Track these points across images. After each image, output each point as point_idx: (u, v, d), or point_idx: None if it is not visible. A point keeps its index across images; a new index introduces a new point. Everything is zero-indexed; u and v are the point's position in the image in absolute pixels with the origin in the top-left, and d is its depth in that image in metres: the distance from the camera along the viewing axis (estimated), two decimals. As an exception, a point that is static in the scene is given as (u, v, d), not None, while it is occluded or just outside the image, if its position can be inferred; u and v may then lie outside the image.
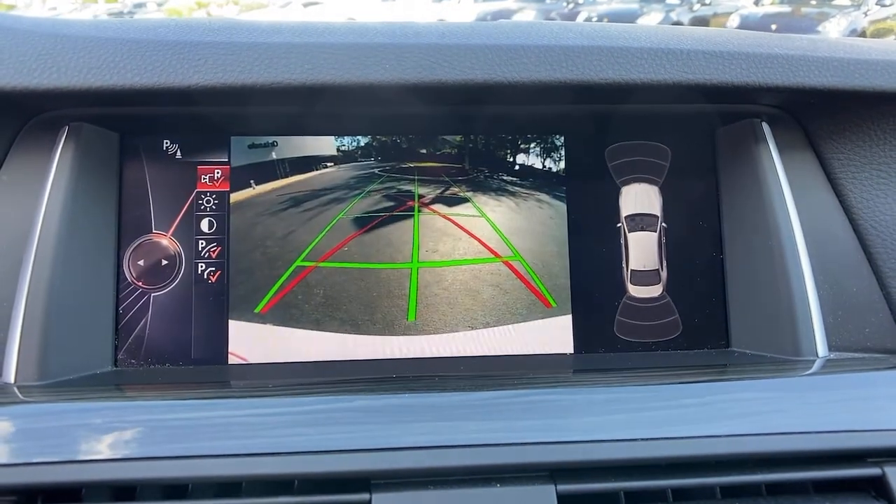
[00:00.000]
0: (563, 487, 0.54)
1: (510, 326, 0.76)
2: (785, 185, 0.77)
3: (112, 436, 0.56)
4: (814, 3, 9.83)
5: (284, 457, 0.55)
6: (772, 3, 10.30)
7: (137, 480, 0.54)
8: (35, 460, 0.54)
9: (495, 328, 0.76)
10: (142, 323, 0.74)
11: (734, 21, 9.80)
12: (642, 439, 0.57)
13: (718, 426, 0.59)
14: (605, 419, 0.59)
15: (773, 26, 9.02)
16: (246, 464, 0.55)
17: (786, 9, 9.84)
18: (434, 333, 0.75)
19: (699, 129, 0.82)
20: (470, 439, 0.56)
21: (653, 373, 0.72)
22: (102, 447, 0.55)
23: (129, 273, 0.74)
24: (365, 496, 0.53)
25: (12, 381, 0.65)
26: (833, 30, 8.71)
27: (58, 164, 0.70)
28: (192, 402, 0.61)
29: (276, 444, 0.55)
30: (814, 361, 0.72)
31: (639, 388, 0.64)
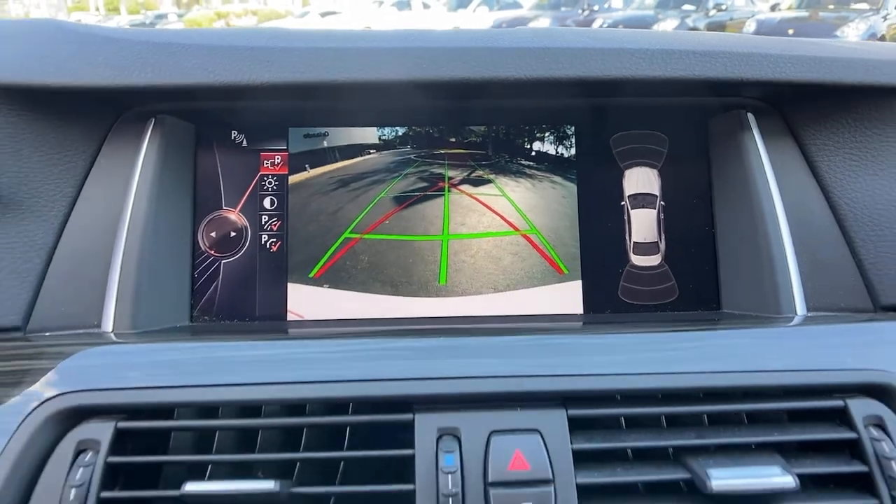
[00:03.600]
0: (573, 412, 0.66)
1: (527, 290, 0.88)
2: (768, 168, 0.87)
3: (197, 367, 0.68)
4: (832, 7, 9.82)
5: (342, 384, 0.67)
6: (789, 8, 10.31)
7: (219, 402, 0.66)
8: (137, 385, 0.66)
9: (515, 291, 0.87)
10: (214, 285, 0.86)
11: (751, 26, 9.80)
12: (641, 374, 0.68)
13: (707, 364, 0.70)
14: (609, 358, 0.71)
15: (790, 31, 9.02)
16: (309, 389, 0.66)
17: (803, 13, 9.84)
18: (462, 295, 0.87)
19: (693, 119, 0.93)
20: (495, 371, 0.68)
21: (652, 325, 0.83)
22: (190, 376, 0.67)
23: (203, 243, 0.87)
24: (409, 416, 0.65)
25: (110, 329, 0.78)
26: (851, 34, 8.70)
27: (146, 150, 0.84)
28: (262, 343, 0.73)
29: (335, 374, 0.67)
30: (793, 318, 0.83)
31: (639, 335, 0.75)
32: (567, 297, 0.88)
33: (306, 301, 0.86)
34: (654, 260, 0.89)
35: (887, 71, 0.84)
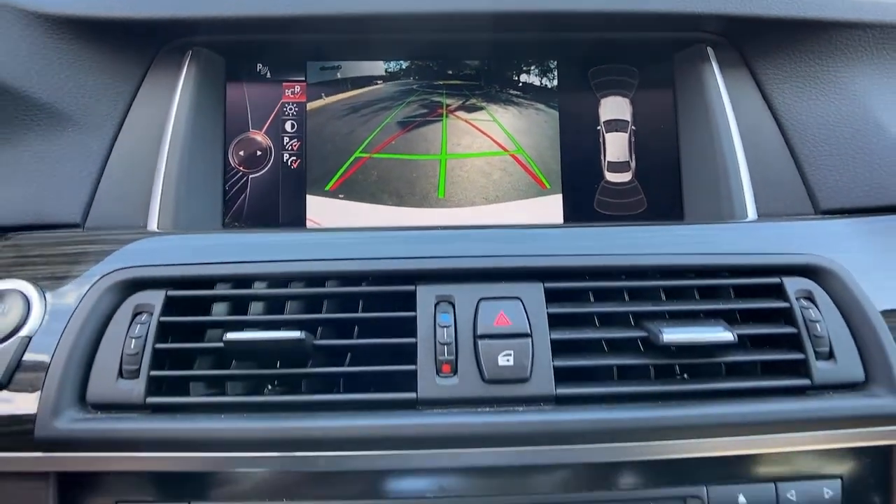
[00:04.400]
0: (548, 285, 0.78)
1: (514, 202, 1.00)
2: (725, 95, 1.00)
3: (233, 250, 0.81)
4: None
5: (355, 261, 0.79)
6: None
7: (253, 275, 0.79)
8: (183, 262, 0.79)
9: (504, 203, 1.00)
10: (242, 196, 0.99)
11: None
12: (607, 254, 0.81)
13: (665, 248, 0.82)
14: (581, 243, 0.84)
15: None
16: (328, 265, 0.79)
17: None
18: (458, 206, 1.00)
19: (660, 53, 1.06)
20: (484, 252, 0.80)
21: (620, 223, 0.95)
22: (227, 256, 0.80)
23: (233, 160, 1.00)
24: (411, 287, 0.78)
25: (156, 228, 0.91)
26: None
27: (184, 78, 0.96)
28: (286, 234, 0.86)
29: (349, 254, 0.80)
30: (744, 220, 0.95)
31: (607, 228, 0.88)
32: (549, 208, 1.00)
33: (323, 210, 0.99)
34: (625, 177, 1.02)
35: (831, 8, 0.96)
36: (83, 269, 0.79)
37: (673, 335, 0.73)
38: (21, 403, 0.71)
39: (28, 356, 0.73)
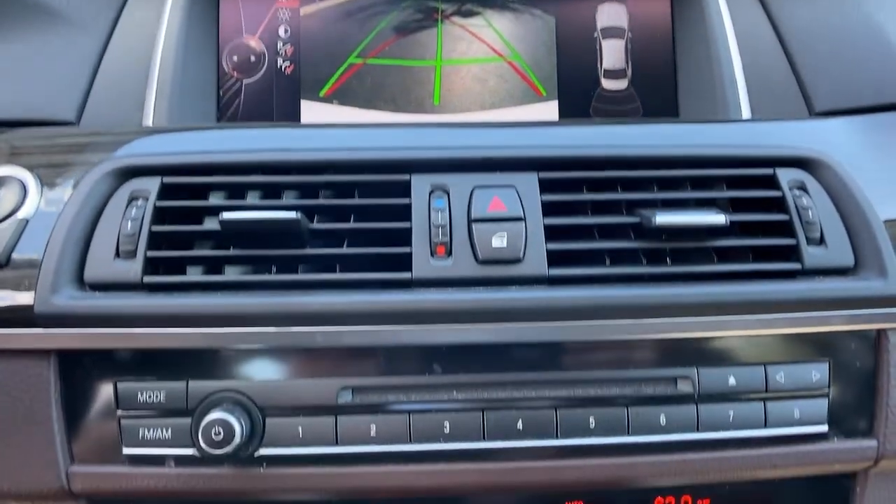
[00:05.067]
0: (543, 175, 0.79)
1: (510, 108, 1.00)
2: (723, 3, 0.99)
3: (229, 140, 0.81)
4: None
5: (351, 150, 0.79)
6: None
7: (249, 163, 0.78)
8: (179, 151, 0.79)
9: (499, 110, 1.00)
10: (236, 102, 0.99)
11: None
12: (601, 145, 0.81)
13: (660, 140, 0.83)
14: (575, 138, 0.84)
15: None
16: (324, 154, 0.79)
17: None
18: (453, 113, 1.00)
19: (659, -41, 1.05)
20: (478, 142, 0.81)
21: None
22: (223, 146, 0.80)
23: (226, 65, 1.00)
24: (406, 176, 0.78)
25: (150, 123, 0.91)
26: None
27: (178, -17, 0.96)
28: (282, 128, 0.86)
29: (345, 144, 0.80)
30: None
31: (603, 125, 0.87)
32: (544, 115, 1.00)
33: (317, 116, 0.99)
34: (621, 84, 1.02)
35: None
36: (79, 159, 0.80)
37: (666, 218, 0.74)
38: (21, 282, 0.72)
39: (25, 238, 0.74)
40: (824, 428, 0.77)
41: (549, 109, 1.00)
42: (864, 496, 0.80)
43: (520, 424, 0.73)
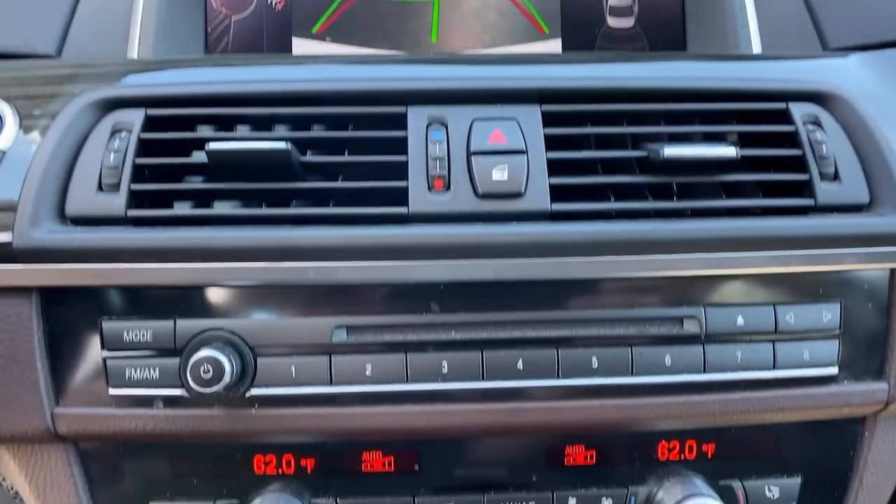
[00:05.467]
0: (546, 107, 0.75)
1: (511, 47, 0.96)
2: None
3: (217, 72, 0.78)
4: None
5: (345, 81, 0.76)
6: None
7: (239, 94, 0.74)
8: (163, 82, 0.75)
9: (499, 48, 0.96)
10: (225, 40, 0.95)
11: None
12: (607, 77, 0.78)
13: (666, 72, 0.79)
14: (580, 70, 0.80)
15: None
16: (317, 84, 0.75)
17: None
18: (451, 51, 0.96)
19: None
20: (479, 74, 0.77)
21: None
22: (210, 76, 0.77)
23: (214, 1, 0.95)
24: (402, 109, 0.75)
25: (136, 56, 0.87)
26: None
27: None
28: (273, 61, 0.82)
29: (339, 76, 0.77)
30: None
31: (611, 60, 0.84)
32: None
33: (310, 53, 0.95)
34: (628, 22, 0.98)
35: None
36: (59, 90, 0.76)
37: (674, 150, 0.70)
38: (-2, 215, 0.69)
39: (3, 170, 0.70)
40: (834, 370, 0.74)
41: (552, 48, 0.96)
42: (872, 441, 0.78)
43: (520, 364, 0.71)
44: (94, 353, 0.70)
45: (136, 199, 0.70)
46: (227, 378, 0.66)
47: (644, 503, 0.76)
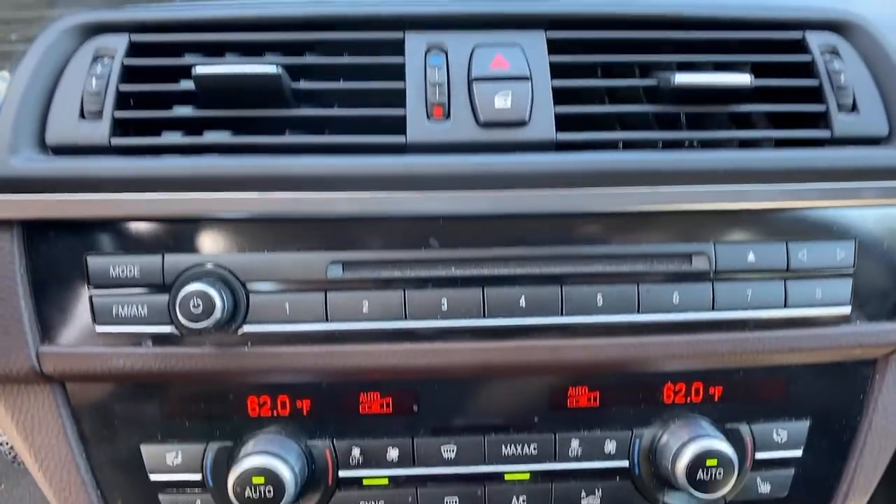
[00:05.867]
0: (551, 34, 0.72)
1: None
2: None
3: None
4: None
5: (338, 4, 0.72)
6: None
7: (227, 20, 0.71)
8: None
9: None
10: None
11: None
12: (618, 2, 0.74)
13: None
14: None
15: None
16: (309, 8, 0.71)
17: None
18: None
19: None
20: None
21: None
22: (198, 6, 0.73)
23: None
24: (399, 34, 0.71)
25: None
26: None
27: None
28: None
29: (336, 1, 0.73)
30: None
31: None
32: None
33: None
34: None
35: None
36: (37, 14, 0.72)
37: (685, 78, 0.67)
38: (-25, 144, 0.65)
39: (-22, 97, 0.67)
40: (847, 310, 0.72)
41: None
42: (883, 383, 0.76)
43: (522, 302, 0.68)
44: (79, 289, 0.68)
45: (120, 128, 0.67)
46: (217, 313, 0.63)
47: (648, 446, 0.74)
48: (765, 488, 0.76)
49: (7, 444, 0.91)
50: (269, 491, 0.67)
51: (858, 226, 0.72)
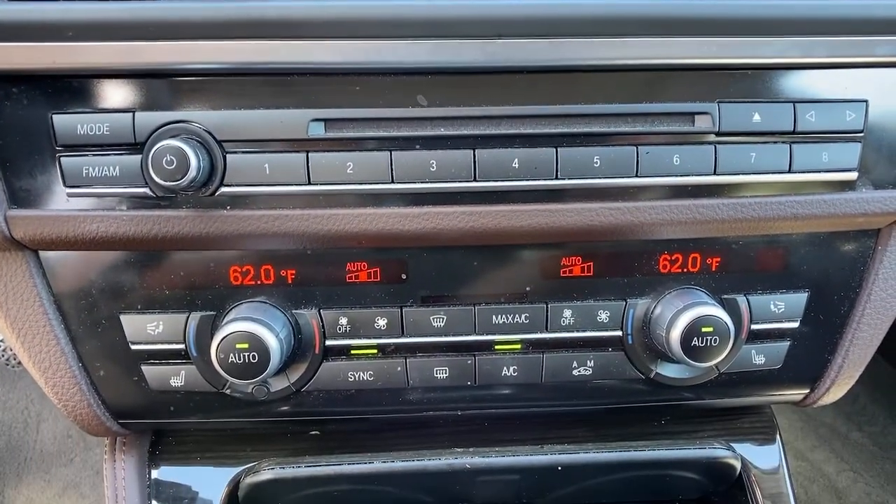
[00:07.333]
0: None
1: None
2: None
3: None
4: None
5: None
6: None
7: None
8: None
9: None
10: None
11: None
12: None
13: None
14: None
15: None
16: None
17: None
18: None
19: None
20: None
21: None
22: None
23: None
24: None
25: None
26: None
27: None
28: None
29: None
30: None
31: None
32: None
33: None
34: None
35: None
36: None
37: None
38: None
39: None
40: (853, 175, 0.69)
41: None
42: (885, 254, 0.74)
43: (515, 163, 0.65)
44: (47, 148, 0.64)
45: (79, -28, 0.61)
46: (193, 171, 0.60)
47: (643, 315, 0.72)
48: (759, 360, 0.75)
49: (1, 342, 0.88)
50: (254, 356, 0.65)
51: (871, 85, 0.68)
